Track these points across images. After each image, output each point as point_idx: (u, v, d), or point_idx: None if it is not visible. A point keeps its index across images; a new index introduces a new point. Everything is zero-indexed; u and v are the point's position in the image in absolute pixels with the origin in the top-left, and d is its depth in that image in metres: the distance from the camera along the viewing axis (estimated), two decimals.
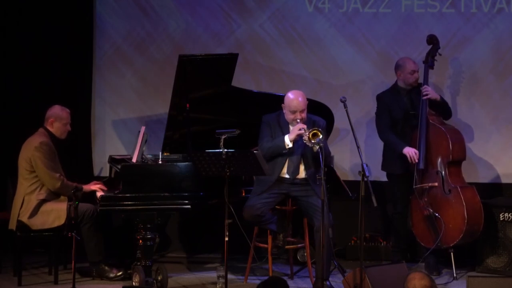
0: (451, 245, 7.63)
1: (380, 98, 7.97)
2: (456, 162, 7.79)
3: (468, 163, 8.13)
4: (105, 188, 7.55)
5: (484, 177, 8.36)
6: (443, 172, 7.72)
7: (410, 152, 7.70)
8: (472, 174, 8.25)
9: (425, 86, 7.80)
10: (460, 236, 7.58)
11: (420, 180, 7.74)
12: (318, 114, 7.46)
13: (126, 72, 8.86)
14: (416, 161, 7.68)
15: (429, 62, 7.87)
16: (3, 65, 8.83)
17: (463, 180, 7.83)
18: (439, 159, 7.74)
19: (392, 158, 7.89)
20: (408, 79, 7.87)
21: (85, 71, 8.85)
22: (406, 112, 7.87)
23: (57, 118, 7.66)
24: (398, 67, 7.92)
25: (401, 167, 7.86)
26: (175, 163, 7.32)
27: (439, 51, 7.92)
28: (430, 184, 7.72)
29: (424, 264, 7.80)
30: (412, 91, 7.90)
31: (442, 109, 7.92)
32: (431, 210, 7.68)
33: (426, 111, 7.75)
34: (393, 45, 8.45)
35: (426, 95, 7.76)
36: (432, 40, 7.92)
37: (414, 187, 7.73)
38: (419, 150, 7.71)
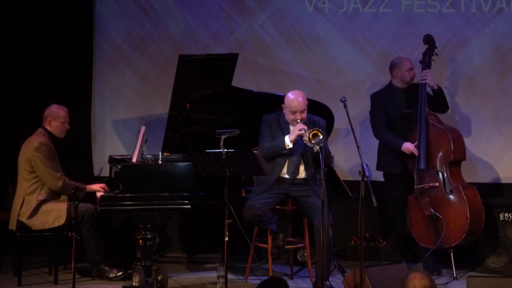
0: (452, 245, 7.62)
1: (375, 97, 7.95)
2: (457, 162, 7.78)
3: (468, 163, 8.12)
4: (107, 189, 7.54)
5: (484, 177, 8.36)
6: (444, 172, 7.71)
7: (408, 148, 7.69)
8: (472, 174, 8.25)
9: (425, 71, 7.78)
10: (463, 237, 7.57)
11: (421, 180, 7.73)
12: (318, 114, 7.46)
13: (126, 72, 8.86)
14: (417, 153, 7.66)
15: (426, 61, 7.87)
16: (3, 65, 8.84)
17: (463, 180, 7.82)
18: (440, 159, 7.72)
19: (389, 157, 7.86)
20: (406, 76, 7.86)
21: (85, 71, 8.85)
22: (401, 112, 7.86)
23: (55, 117, 7.66)
24: (394, 66, 7.90)
25: (399, 166, 7.84)
26: (175, 163, 7.32)
27: (436, 51, 7.91)
28: (431, 184, 7.71)
29: (423, 264, 7.79)
30: (407, 90, 7.89)
31: (441, 99, 7.87)
32: (433, 211, 7.67)
33: (425, 110, 7.74)
34: (393, 45, 8.45)
35: (424, 79, 7.74)
36: (429, 40, 7.90)
37: (415, 187, 7.72)
38: (419, 149, 7.69)
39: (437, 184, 7.70)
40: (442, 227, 7.62)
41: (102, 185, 7.61)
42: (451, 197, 7.66)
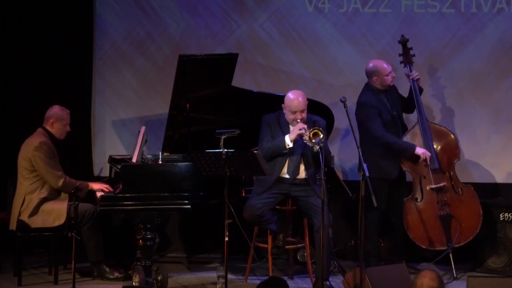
0: (461, 244, 7.63)
1: (367, 102, 7.74)
2: (457, 161, 7.80)
3: (468, 163, 8.13)
4: (110, 189, 7.53)
5: (484, 177, 8.35)
6: (451, 172, 7.71)
7: (425, 152, 7.62)
8: (472, 174, 8.26)
9: (413, 71, 7.80)
10: (475, 234, 7.59)
11: (434, 180, 7.68)
12: (318, 114, 7.46)
13: (126, 72, 8.86)
14: (429, 160, 7.64)
15: (410, 59, 7.87)
16: (3, 65, 8.83)
17: None
18: (447, 158, 7.72)
19: (386, 162, 7.71)
20: (386, 81, 7.76)
21: (85, 71, 8.85)
22: (391, 115, 7.81)
23: (58, 119, 7.66)
24: (373, 73, 7.77)
25: (396, 171, 7.76)
26: (175, 163, 7.33)
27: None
28: (444, 184, 7.68)
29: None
30: (387, 92, 7.85)
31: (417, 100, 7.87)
32: (447, 210, 7.65)
33: (423, 109, 7.73)
34: (393, 45, 8.44)
35: (418, 77, 7.76)
36: (403, 40, 7.93)
37: (430, 187, 7.67)
38: (429, 149, 7.67)
39: (446, 183, 7.68)
40: (455, 227, 7.61)
41: (106, 185, 7.59)
42: (462, 196, 7.67)
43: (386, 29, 8.51)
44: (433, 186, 7.69)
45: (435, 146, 7.73)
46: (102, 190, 7.52)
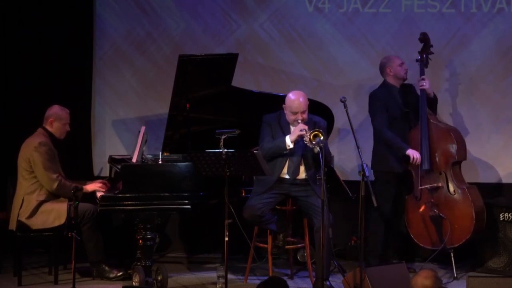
0: (455, 245, 7.62)
1: (375, 95, 7.83)
2: (459, 162, 7.78)
3: (468, 163, 8.12)
4: (107, 186, 7.53)
5: (484, 177, 8.36)
6: (447, 173, 7.71)
7: (414, 154, 7.63)
8: (472, 174, 8.25)
9: (424, 76, 7.76)
10: (468, 237, 7.57)
11: (424, 180, 7.70)
12: (318, 114, 7.46)
13: (126, 72, 8.86)
14: (419, 163, 7.64)
15: (424, 60, 7.86)
16: (3, 65, 8.83)
17: (464, 180, 7.82)
18: (444, 159, 7.71)
19: (392, 156, 7.77)
20: (399, 72, 7.80)
21: (85, 71, 8.85)
22: (401, 110, 7.82)
23: (57, 118, 7.66)
24: (385, 65, 7.83)
25: (401, 166, 7.80)
26: (175, 163, 7.33)
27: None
28: (435, 185, 7.68)
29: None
30: (403, 90, 7.85)
31: (433, 107, 7.86)
32: (437, 211, 7.65)
33: (426, 110, 7.74)
34: (393, 45, 8.45)
35: (423, 86, 7.73)
36: (425, 38, 7.89)
37: (419, 187, 7.69)
38: (422, 150, 7.66)
39: (440, 184, 7.69)
40: (446, 228, 7.61)
41: (100, 184, 7.59)
42: (456, 197, 7.66)
43: (386, 29, 8.51)
44: (422, 186, 7.69)
45: (432, 147, 7.71)
46: (99, 189, 7.52)
